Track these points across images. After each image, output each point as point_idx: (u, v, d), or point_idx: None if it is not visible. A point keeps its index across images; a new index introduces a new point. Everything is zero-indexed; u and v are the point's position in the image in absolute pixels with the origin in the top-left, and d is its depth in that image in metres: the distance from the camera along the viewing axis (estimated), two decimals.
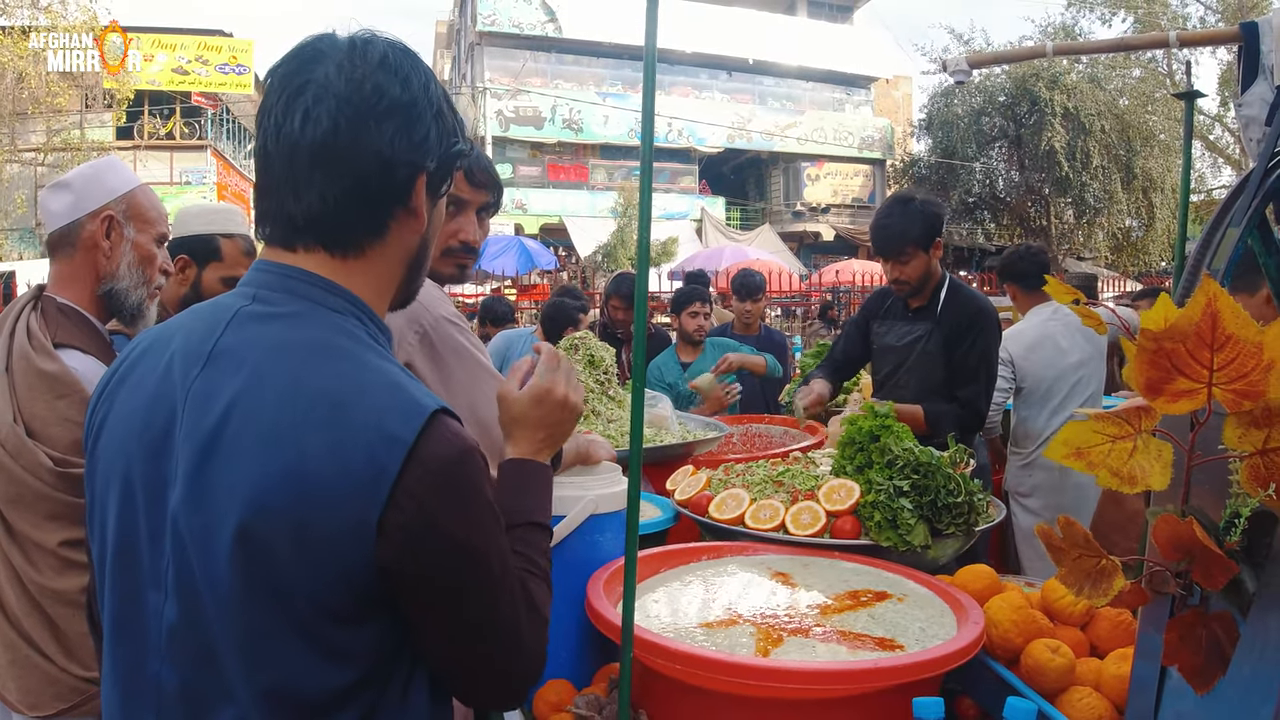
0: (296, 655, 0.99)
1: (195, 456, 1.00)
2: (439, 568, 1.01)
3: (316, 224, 1.09)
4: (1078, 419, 1.00)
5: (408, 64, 1.11)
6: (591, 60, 29.52)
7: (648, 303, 1.37)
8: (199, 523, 0.99)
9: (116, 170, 2.17)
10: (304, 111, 1.05)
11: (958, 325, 3.34)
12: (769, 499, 2.21)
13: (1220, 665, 1.08)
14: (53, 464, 1.87)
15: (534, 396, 1.39)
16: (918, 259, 3.33)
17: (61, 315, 2.03)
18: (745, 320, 5.67)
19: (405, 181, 1.10)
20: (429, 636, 1.06)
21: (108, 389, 1.17)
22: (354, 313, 1.11)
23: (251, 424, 0.99)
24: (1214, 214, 1.47)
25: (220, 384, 1.02)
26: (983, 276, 19.67)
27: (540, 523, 1.30)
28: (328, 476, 0.96)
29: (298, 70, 1.08)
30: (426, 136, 1.11)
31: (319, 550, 0.96)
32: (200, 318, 1.12)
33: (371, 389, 1.01)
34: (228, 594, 0.98)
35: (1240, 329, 0.91)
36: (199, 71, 23.58)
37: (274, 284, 1.10)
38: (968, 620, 1.62)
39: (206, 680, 1.01)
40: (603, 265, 22.18)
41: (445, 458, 1.00)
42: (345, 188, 1.07)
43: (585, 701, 1.59)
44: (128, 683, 1.09)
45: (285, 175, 1.08)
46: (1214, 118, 23.41)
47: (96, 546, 1.15)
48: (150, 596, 1.05)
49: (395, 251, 1.15)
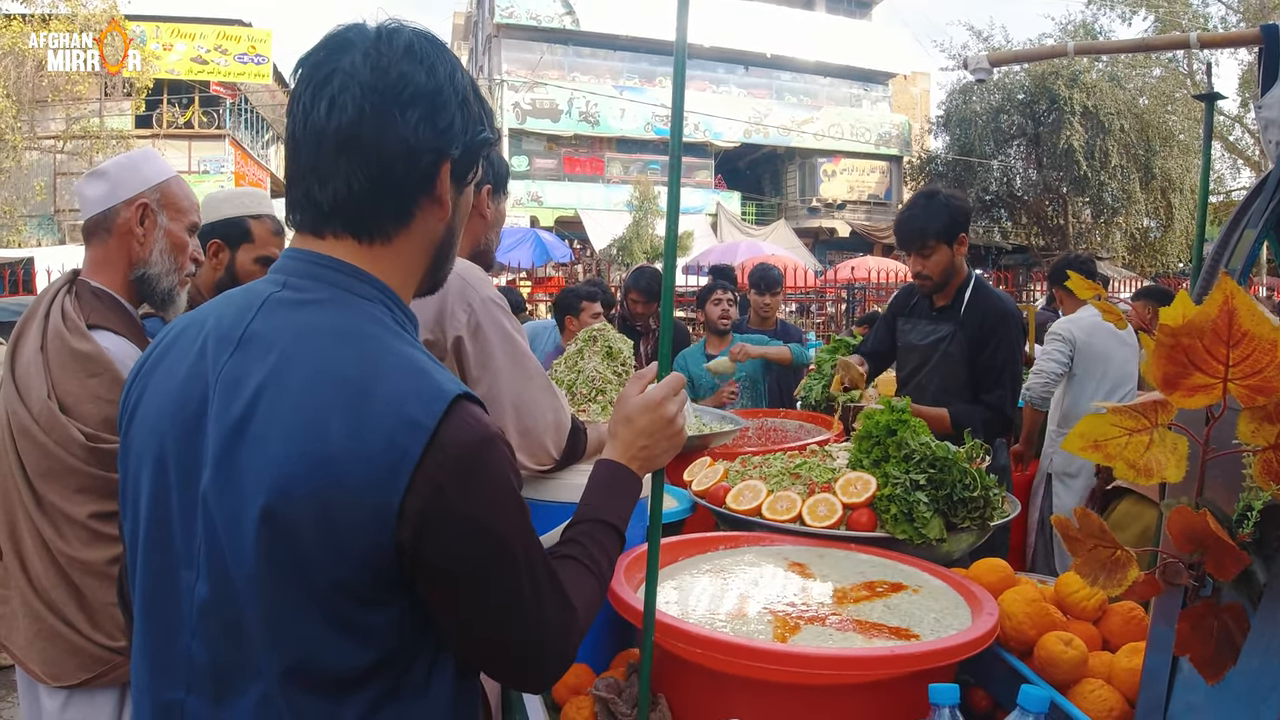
0: (319, 634, 1.01)
1: (224, 439, 1.03)
2: (458, 552, 1.02)
3: (343, 211, 1.11)
4: (1096, 411, 1.03)
5: (434, 53, 1.13)
6: (608, 53, 29.49)
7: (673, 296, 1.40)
8: (227, 504, 1.02)
9: (152, 160, 2.24)
10: (330, 100, 1.07)
11: (981, 328, 3.32)
12: (786, 490, 2.23)
13: (1231, 655, 1.10)
14: (84, 439, 1.94)
15: (646, 403, 1.38)
16: (940, 253, 3.33)
17: (95, 298, 2.10)
18: (762, 314, 5.68)
19: (429, 169, 1.12)
20: (449, 620, 1.07)
21: (143, 370, 1.19)
22: (381, 299, 1.12)
23: (278, 409, 1.01)
24: (1232, 214, 1.49)
25: (249, 369, 1.05)
26: (999, 275, 19.59)
27: (612, 523, 1.31)
28: (350, 461, 0.97)
29: (325, 59, 1.10)
30: (451, 124, 1.12)
31: (341, 533, 0.98)
32: (232, 303, 1.14)
33: (394, 375, 1.02)
34: (254, 574, 1.00)
35: (1256, 326, 0.94)
36: (218, 61, 23.66)
37: (303, 271, 1.12)
38: (982, 612, 1.65)
39: (235, 656, 1.04)
40: (617, 259, 22.17)
41: (466, 443, 1.01)
42: (370, 175, 1.08)
43: (605, 684, 1.62)
44: (158, 657, 1.12)
45: (312, 163, 1.10)
46: (1234, 119, 23.22)
47: (129, 524, 1.17)
48: (182, 574, 1.08)
49: (421, 239, 1.17)
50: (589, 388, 3.30)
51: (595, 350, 3.28)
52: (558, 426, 2.00)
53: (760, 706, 1.45)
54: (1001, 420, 3.31)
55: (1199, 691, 1.23)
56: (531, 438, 1.97)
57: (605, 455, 1.39)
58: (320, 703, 1.03)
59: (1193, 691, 1.25)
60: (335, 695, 1.03)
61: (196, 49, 23.46)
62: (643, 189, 23.48)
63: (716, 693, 1.52)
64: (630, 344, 3.33)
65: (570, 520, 1.33)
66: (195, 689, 1.07)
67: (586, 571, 1.24)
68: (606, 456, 1.38)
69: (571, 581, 1.20)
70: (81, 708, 1.99)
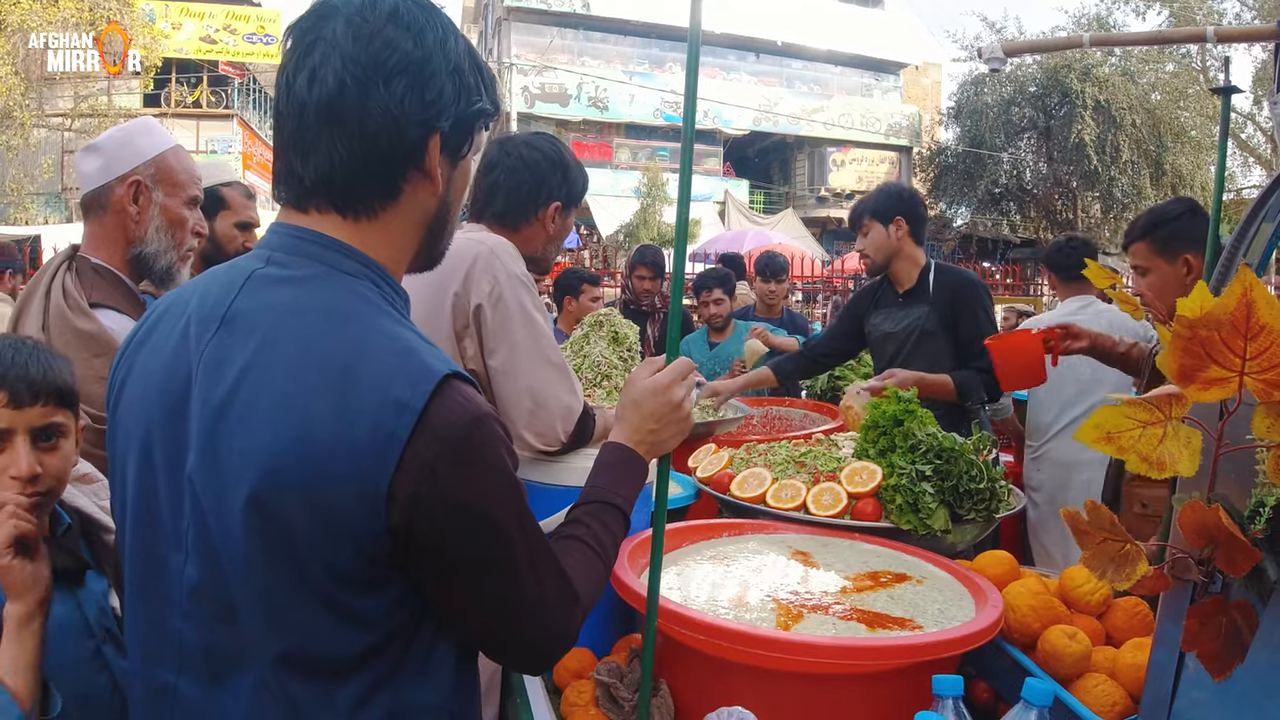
0: (314, 619, 0.99)
1: (208, 422, 1.01)
2: (453, 535, 1.01)
3: (326, 185, 1.07)
4: (1109, 404, 1.01)
5: (423, 18, 1.08)
6: (619, 39, 29.40)
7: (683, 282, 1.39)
8: (214, 488, 1.00)
9: (148, 133, 2.16)
10: (311, 70, 1.04)
11: (952, 302, 3.47)
12: (791, 479, 2.23)
13: (1239, 653, 1.09)
14: (92, 422, 1.91)
15: (654, 387, 1.36)
16: (875, 231, 3.53)
17: (96, 275, 2.06)
18: (768, 301, 5.67)
19: (417, 142, 1.07)
20: (446, 602, 1.06)
21: (128, 350, 1.18)
22: (369, 275, 1.09)
23: (262, 391, 0.99)
24: (1250, 207, 1.48)
25: (232, 349, 1.02)
26: (1006, 268, 19.53)
27: (617, 505, 1.30)
28: (336, 444, 0.95)
29: (310, 27, 1.06)
30: (440, 95, 1.07)
31: (331, 517, 0.96)
32: (217, 280, 1.11)
33: (381, 355, 0.99)
34: (243, 559, 0.99)
35: (1275, 319, 0.92)
36: (226, 41, 23.60)
37: (288, 246, 1.09)
38: (986, 604, 1.64)
39: (229, 641, 1.03)
40: (624, 245, 22.14)
41: (456, 423, 0.98)
42: (353, 148, 1.05)
43: (607, 669, 1.62)
44: (149, 639, 1.11)
45: (295, 136, 1.07)
46: (1246, 116, 23.07)
47: (118, 506, 1.16)
48: (171, 556, 1.06)
49: (410, 214, 1.13)
50: (594, 373, 3.30)
51: (601, 335, 3.27)
52: (568, 410, 2.00)
53: (762, 694, 1.45)
54: (994, 381, 3.36)
55: (1205, 688, 1.22)
56: (541, 417, 1.97)
57: (613, 439, 1.37)
58: (316, 687, 1.01)
59: (1198, 688, 1.24)
60: (331, 679, 1.01)
61: (205, 28, 23.39)
62: (651, 175, 23.45)
63: (718, 679, 1.52)
64: (636, 329, 3.33)
65: (575, 502, 1.32)
66: (187, 671, 1.06)
67: (590, 552, 1.22)
68: (614, 440, 1.37)
69: (573, 562, 1.18)
70: None
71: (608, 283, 11.32)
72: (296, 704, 1.01)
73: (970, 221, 26.07)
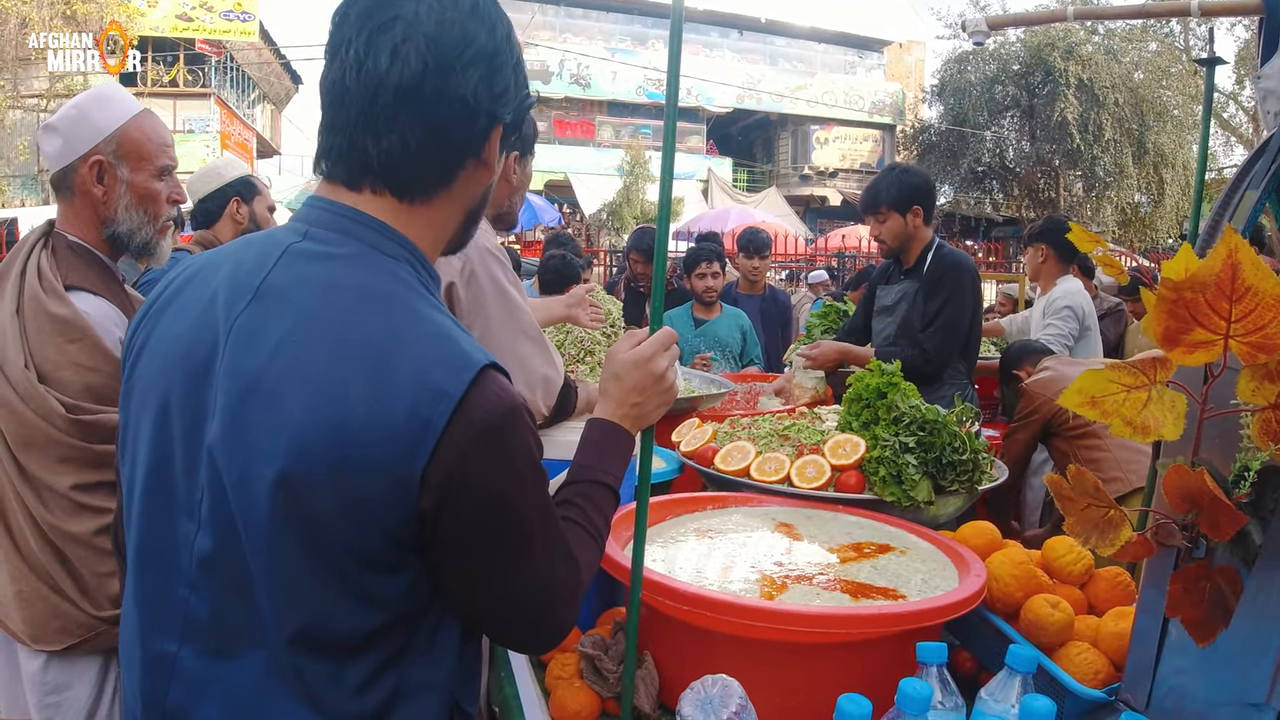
0: (332, 599, 0.99)
1: (237, 393, 1.00)
2: (480, 522, 1.01)
3: (392, 167, 1.07)
4: (1095, 368, 1.01)
5: (495, 12, 1.10)
6: (600, 15, 29.20)
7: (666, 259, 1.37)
8: (238, 461, 0.99)
9: (105, 104, 2.03)
10: (392, 49, 1.02)
11: (935, 280, 3.55)
12: (775, 452, 2.22)
13: (1223, 618, 1.09)
14: (64, 410, 1.86)
15: (636, 359, 1.35)
16: (892, 219, 3.59)
17: (72, 254, 2.00)
18: (751, 277, 5.65)
19: (483, 131, 1.09)
20: (463, 586, 1.06)
21: (151, 311, 1.16)
22: (408, 259, 1.09)
23: (298, 369, 0.98)
24: (1234, 176, 1.48)
25: (267, 322, 1.01)
26: (989, 246, 19.58)
27: (607, 483, 1.30)
28: (372, 428, 0.95)
29: (384, 5, 1.05)
30: (507, 87, 1.10)
31: (360, 500, 0.96)
32: (251, 249, 1.11)
33: (420, 340, 0.99)
34: (265, 535, 0.98)
35: (1260, 281, 0.92)
36: (203, 18, 23.27)
37: (328, 222, 1.08)
38: (969, 573, 1.64)
39: (240, 615, 1.02)
40: (608, 223, 22.08)
41: (492, 414, 0.98)
42: (428, 133, 1.05)
43: (591, 642, 1.62)
44: (151, 607, 1.09)
45: (364, 114, 1.05)
46: (1229, 95, 23.15)
47: (127, 469, 1.14)
48: (182, 525, 1.05)
49: (459, 200, 1.14)
50: (577, 348, 3.29)
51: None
52: (548, 381, 1.98)
53: (746, 664, 1.44)
54: (926, 363, 3.43)
55: (1189, 655, 1.23)
56: (530, 389, 1.96)
57: (597, 414, 1.36)
58: (327, 664, 1.01)
59: (1182, 655, 1.25)
60: (343, 657, 1.02)
61: (181, 5, 23.06)
62: (634, 153, 23.35)
63: (702, 650, 1.52)
64: (619, 305, 3.33)
65: (565, 481, 1.31)
66: (190, 642, 1.05)
67: (585, 535, 1.23)
68: (598, 415, 1.36)
69: (575, 546, 1.18)
70: (62, 672, 1.93)
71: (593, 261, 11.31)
72: (306, 680, 1.01)
73: (953, 200, 26.05)
